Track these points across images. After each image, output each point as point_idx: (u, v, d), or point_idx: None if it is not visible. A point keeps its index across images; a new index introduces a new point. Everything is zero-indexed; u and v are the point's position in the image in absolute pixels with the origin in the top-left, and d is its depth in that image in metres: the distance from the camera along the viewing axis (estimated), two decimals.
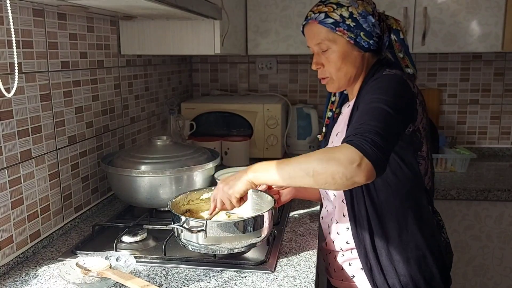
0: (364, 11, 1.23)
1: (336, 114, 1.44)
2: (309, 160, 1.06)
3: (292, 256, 1.26)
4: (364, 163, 1.00)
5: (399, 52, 1.29)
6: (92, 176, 1.64)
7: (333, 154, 1.02)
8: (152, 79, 2.19)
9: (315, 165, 1.03)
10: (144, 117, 2.10)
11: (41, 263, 1.24)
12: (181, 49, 1.79)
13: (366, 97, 1.15)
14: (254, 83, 2.81)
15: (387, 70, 1.22)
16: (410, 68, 1.30)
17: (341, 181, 1.02)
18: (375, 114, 1.08)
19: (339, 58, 1.25)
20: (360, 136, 1.03)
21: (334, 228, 1.33)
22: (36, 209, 1.33)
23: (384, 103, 1.10)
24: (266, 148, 2.33)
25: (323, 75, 1.32)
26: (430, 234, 1.23)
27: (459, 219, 2.15)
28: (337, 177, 1.02)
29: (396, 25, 1.29)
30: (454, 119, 2.71)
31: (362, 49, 1.25)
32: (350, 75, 1.28)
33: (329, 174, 1.02)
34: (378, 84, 1.17)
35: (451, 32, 2.24)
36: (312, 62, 1.32)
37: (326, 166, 1.02)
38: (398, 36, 1.28)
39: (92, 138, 1.64)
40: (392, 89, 1.14)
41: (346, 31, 1.22)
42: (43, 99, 1.35)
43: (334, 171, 1.01)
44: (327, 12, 1.24)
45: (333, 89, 1.34)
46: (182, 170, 1.47)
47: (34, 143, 1.31)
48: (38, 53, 1.33)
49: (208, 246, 1.17)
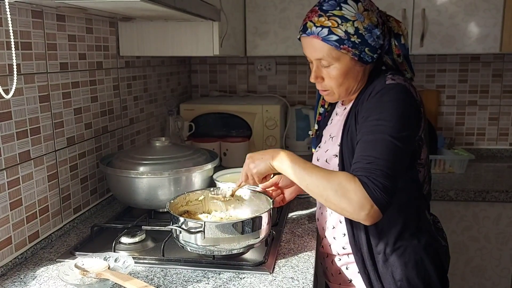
0: (370, 24, 1.15)
1: (327, 112, 1.44)
2: (327, 185, 1.09)
3: (291, 257, 1.26)
4: (373, 210, 1.05)
5: (397, 57, 1.24)
6: (91, 177, 1.64)
7: (348, 192, 1.05)
8: (151, 80, 2.20)
9: (329, 193, 1.08)
10: (143, 118, 2.10)
11: (40, 264, 1.24)
12: (180, 50, 1.79)
13: (372, 117, 1.12)
14: (253, 84, 2.82)
15: (390, 78, 1.16)
16: (408, 72, 1.28)
17: (347, 216, 1.11)
18: (383, 149, 1.08)
19: (341, 74, 1.20)
20: (371, 179, 1.05)
21: (330, 233, 1.33)
22: (35, 210, 1.33)
23: (390, 133, 1.08)
24: (265, 149, 2.33)
25: (322, 88, 1.26)
26: (427, 240, 1.22)
27: (457, 220, 2.15)
28: (345, 213, 1.10)
29: (397, 28, 1.23)
30: (453, 120, 2.72)
31: (365, 63, 1.20)
32: (351, 88, 1.24)
33: (338, 208, 1.09)
34: (384, 99, 1.12)
35: (450, 33, 2.25)
36: (311, 75, 1.25)
37: (339, 201, 1.07)
38: (399, 42, 1.23)
39: (91, 139, 1.64)
40: (398, 110, 1.10)
41: (351, 48, 1.15)
42: (42, 101, 1.36)
43: (344, 208, 1.08)
44: (330, 27, 1.14)
45: (333, 100, 1.30)
46: (181, 171, 1.47)
47: (33, 144, 1.31)
48: (37, 54, 1.33)
49: (207, 247, 1.17)
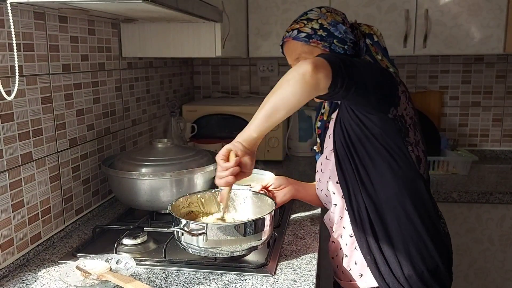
0: (333, 20, 1.30)
1: (327, 123, 1.45)
2: (278, 85, 1.09)
3: (293, 259, 1.25)
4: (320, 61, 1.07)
5: (376, 54, 1.32)
6: (93, 179, 1.64)
7: (297, 66, 1.07)
8: (153, 81, 2.20)
9: (283, 83, 1.07)
10: (145, 119, 2.10)
11: (42, 265, 1.24)
12: (182, 51, 1.79)
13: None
14: (256, 86, 2.81)
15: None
16: (391, 67, 1.33)
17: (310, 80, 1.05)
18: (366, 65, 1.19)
19: None
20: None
21: (339, 225, 1.33)
22: (37, 211, 1.33)
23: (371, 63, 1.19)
24: (267, 150, 2.33)
25: None
26: (430, 221, 1.24)
27: (461, 222, 2.14)
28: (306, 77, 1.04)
29: (369, 30, 1.34)
30: (456, 121, 2.71)
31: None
32: None
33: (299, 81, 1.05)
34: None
35: (453, 34, 2.24)
36: None
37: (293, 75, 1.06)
38: (372, 40, 1.32)
39: (93, 141, 1.64)
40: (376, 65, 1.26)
41: (319, 41, 1.29)
42: (44, 102, 1.36)
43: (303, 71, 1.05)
44: (299, 28, 1.31)
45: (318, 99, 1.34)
46: (183, 173, 1.47)
47: (35, 146, 1.31)
48: (39, 56, 1.33)
49: (209, 249, 1.16)
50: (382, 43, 1.33)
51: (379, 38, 1.33)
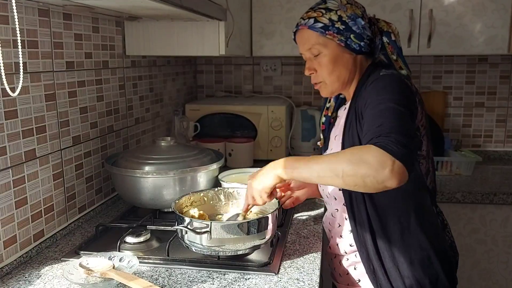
0: (353, 13, 1.24)
1: (332, 118, 1.43)
2: (339, 160, 1.03)
3: (296, 258, 1.25)
4: (396, 165, 0.97)
5: (392, 54, 1.28)
6: (96, 177, 1.64)
7: (363, 156, 1.00)
8: (156, 80, 2.19)
9: (344, 166, 1.01)
10: (148, 118, 2.10)
11: (45, 263, 1.24)
12: (185, 50, 1.79)
13: (371, 99, 1.14)
14: (259, 85, 2.81)
15: (383, 71, 1.21)
16: (404, 69, 1.30)
17: (372, 184, 1.00)
18: (389, 114, 1.07)
19: (330, 61, 1.26)
20: (384, 138, 1.01)
21: (337, 231, 1.32)
22: (40, 209, 1.33)
23: (392, 102, 1.09)
24: (270, 149, 2.33)
25: (316, 80, 1.32)
26: (433, 234, 1.22)
27: (464, 223, 2.13)
28: (367, 180, 1.00)
29: (387, 27, 1.29)
30: (460, 122, 2.70)
31: (353, 51, 1.25)
32: (343, 78, 1.28)
33: (359, 177, 1.00)
34: (380, 85, 1.16)
35: (457, 34, 2.23)
36: (305, 68, 1.32)
37: (356, 169, 1.00)
38: (389, 38, 1.27)
39: (96, 139, 1.64)
40: (394, 88, 1.14)
41: (336, 34, 1.23)
42: (48, 99, 1.35)
43: (364, 174, 0.99)
44: (316, 17, 1.25)
45: (327, 93, 1.34)
46: (186, 171, 1.46)
47: (38, 143, 1.31)
48: (43, 53, 1.33)
49: (212, 248, 1.16)
50: (398, 43, 1.29)
51: (396, 37, 1.28)
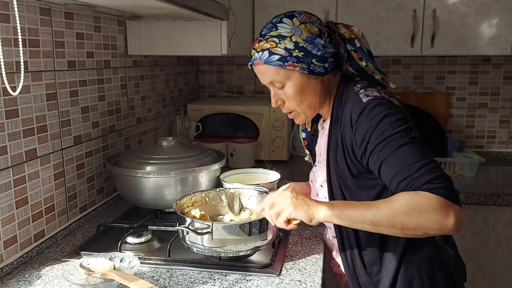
0: (309, 35, 1.11)
1: (313, 131, 1.36)
2: (395, 212, 0.97)
3: (298, 260, 1.24)
4: (457, 211, 0.94)
5: (360, 61, 1.18)
6: (97, 176, 1.63)
7: (422, 208, 0.94)
8: (158, 80, 2.19)
9: (403, 219, 0.96)
10: (150, 117, 2.09)
11: (45, 263, 1.23)
12: (187, 50, 1.78)
13: (374, 136, 1.05)
14: (261, 85, 2.78)
15: (363, 94, 1.10)
16: (377, 74, 1.20)
17: (433, 233, 0.98)
18: (412, 153, 1.00)
19: (297, 92, 1.15)
20: (432, 182, 0.95)
21: (337, 255, 1.27)
22: (41, 209, 1.32)
23: (403, 138, 1.02)
24: (272, 150, 2.32)
25: (287, 110, 1.23)
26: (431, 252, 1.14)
27: (467, 224, 2.12)
28: (430, 232, 0.97)
29: (349, 33, 1.17)
30: (463, 122, 2.69)
31: (319, 75, 1.14)
32: (314, 104, 1.19)
33: (421, 229, 0.96)
34: (374, 120, 1.05)
35: (460, 34, 2.22)
36: (271, 101, 1.22)
37: (418, 222, 0.95)
38: (354, 45, 1.17)
39: (98, 138, 1.63)
40: (393, 119, 1.05)
41: (296, 63, 1.11)
42: (49, 98, 1.35)
43: (428, 227, 0.95)
44: (270, 48, 1.11)
45: (302, 121, 1.26)
46: (188, 171, 1.46)
47: (39, 143, 1.31)
48: (44, 52, 1.32)
49: (213, 249, 1.15)
50: (365, 46, 1.19)
51: (362, 41, 1.18)
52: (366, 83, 1.16)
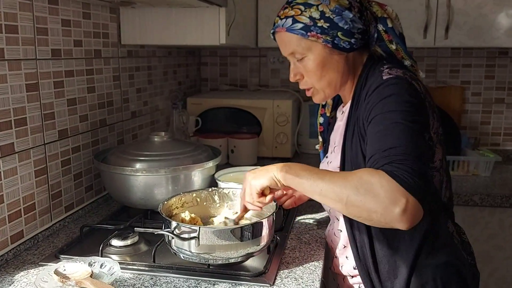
0: (338, 6, 1.04)
1: (331, 118, 1.29)
2: (346, 184, 0.90)
3: (295, 268, 1.13)
4: (410, 204, 0.84)
5: (390, 43, 1.10)
6: (86, 173, 1.53)
7: (373, 186, 0.86)
8: (156, 71, 2.08)
9: (350, 193, 0.89)
10: (146, 111, 1.99)
11: (21, 267, 1.14)
12: (183, 39, 1.67)
13: (375, 111, 0.98)
14: (265, 78, 2.69)
15: (387, 72, 1.04)
16: (407, 59, 1.12)
17: (378, 221, 0.89)
18: (398, 132, 0.92)
19: (318, 66, 1.09)
20: (398, 165, 0.87)
21: (341, 252, 1.20)
22: (19, 208, 1.22)
23: (401, 117, 0.94)
24: (275, 146, 2.21)
25: (305, 86, 1.16)
26: (448, 258, 1.05)
27: (482, 227, 1.99)
28: (373, 216, 0.88)
29: (382, 12, 1.11)
30: (478, 119, 2.54)
31: (343, 50, 1.08)
32: (334, 82, 1.12)
33: (364, 210, 0.88)
34: (384, 93, 0.99)
35: (477, 25, 2.08)
36: (290, 74, 1.16)
37: (363, 200, 0.87)
38: (386, 25, 1.09)
39: (86, 133, 1.53)
40: (402, 97, 0.97)
41: (320, 34, 1.05)
42: (30, 89, 1.25)
43: (371, 208, 0.87)
44: (294, 16, 1.06)
45: (319, 100, 1.18)
46: (179, 169, 1.35)
47: (17, 137, 1.21)
48: (24, 39, 1.22)
49: (201, 255, 1.05)
50: (398, 29, 1.12)
51: (394, 22, 1.11)
52: (395, 64, 1.08)
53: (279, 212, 1.40)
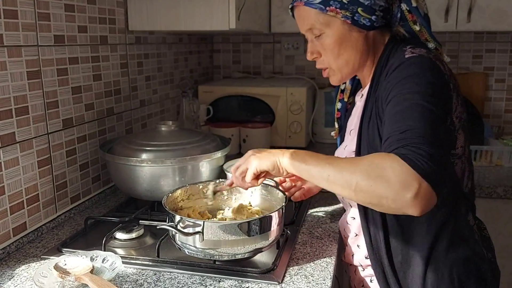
0: None
1: (349, 104, 1.23)
2: (355, 168, 0.85)
3: (305, 264, 1.07)
4: (423, 189, 0.79)
5: (414, 24, 1.04)
6: (92, 163, 1.50)
7: (384, 170, 0.81)
8: (166, 59, 2.03)
9: (359, 179, 0.83)
10: (156, 100, 1.94)
11: (22, 261, 1.11)
12: (192, 24, 1.61)
13: (395, 91, 0.92)
14: (279, 65, 2.61)
15: (410, 51, 0.98)
16: (431, 41, 1.06)
17: (388, 207, 0.83)
18: (418, 115, 0.86)
19: (335, 43, 1.04)
20: (412, 148, 0.81)
21: (353, 241, 1.14)
22: (21, 199, 1.19)
23: (421, 98, 0.88)
24: (289, 136, 2.14)
25: (322, 66, 1.11)
26: (467, 253, 0.99)
27: (506, 221, 1.90)
28: (384, 202, 0.82)
29: None
30: (502, 106, 2.43)
31: (363, 28, 1.02)
32: (352, 62, 1.06)
33: (375, 196, 0.83)
34: (405, 73, 0.94)
35: (501, 8, 1.97)
36: (307, 51, 1.11)
37: (373, 185, 0.82)
38: (410, 5, 1.03)
39: (93, 122, 1.49)
40: (424, 78, 0.92)
41: (339, 9, 1.00)
42: (31, 77, 1.21)
43: (381, 194, 0.81)
44: None
45: (336, 81, 1.12)
46: (185, 160, 1.30)
47: (18, 126, 1.17)
48: (24, 24, 1.18)
49: (206, 251, 1.00)
50: (422, 9, 1.04)
51: (419, 2, 1.03)
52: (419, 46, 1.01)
53: (290, 204, 1.34)
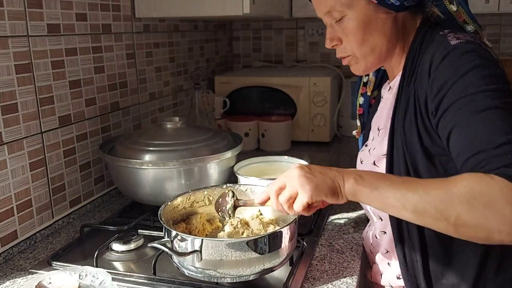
0: None
1: (373, 99, 1.07)
2: (452, 197, 0.68)
3: (323, 285, 0.93)
4: None
5: (450, 3, 0.89)
6: (95, 163, 1.38)
7: (492, 199, 0.66)
8: (179, 48, 1.90)
9: (461, 210, 0.67)
10: (167, 92, 1.81)
11: (9, 275, 1.00)
12: (202, 9, 1.46)
13: (456, 89, 0.77)
14: (303, 52, 2.44)
15: (452, 36, 0.82)
16: (470, 23, 0.91)
17: (499, 240, 0.68)
18: (493, 122, 0.72)
19: (359, 26, 0.88)
20: None
21: (382, 258, 0.99)
22: (11, 205, 1.08)
23: (496, 99, 0.73)
24: (311, 129, 1.98)
25: (343, 54, 0.95)
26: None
27: None
28: (495, 236, 0.67)
29: None
30: None
31: (392, 8, 0.87)
32: (379, 48, 0.90)
33: (483, 230, 0.67)
34: (462, 68, 0.78)
35: None
36: (326, 39, 0.95)
37: (481, 218, 0.66)
38: None
39: (94, 118, 1.37)
40: (486, 72, 0.77)
41: None
42: (20, 71, 1.09)
43: (493, 228, 0.66)
44: None
45: (361, 71, 0.96)
46: (189, 161, 1.16)
47: (6, 126, 1.06)
48: (11, 12, 1.06)
49: (206, 271, 0.86)
50: None
51: None
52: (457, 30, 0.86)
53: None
